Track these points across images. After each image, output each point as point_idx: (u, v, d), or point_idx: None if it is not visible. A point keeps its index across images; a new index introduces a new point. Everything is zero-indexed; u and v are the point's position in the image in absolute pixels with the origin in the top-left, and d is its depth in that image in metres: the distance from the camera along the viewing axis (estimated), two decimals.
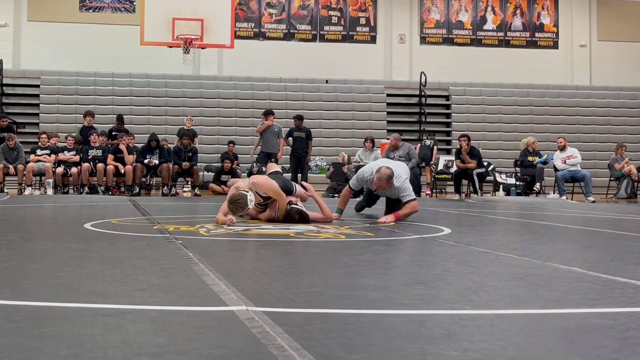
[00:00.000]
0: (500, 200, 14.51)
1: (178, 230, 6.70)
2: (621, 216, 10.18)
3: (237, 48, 19.12)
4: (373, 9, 25.43)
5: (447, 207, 12.06)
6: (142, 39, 17.41)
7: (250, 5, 24.83)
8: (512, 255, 5.06)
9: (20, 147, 16.57)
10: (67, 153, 16.72)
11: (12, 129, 17.53)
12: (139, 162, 16.47)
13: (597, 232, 7.37)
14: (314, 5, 25.10)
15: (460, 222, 9.06)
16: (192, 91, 23.15)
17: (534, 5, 26.18)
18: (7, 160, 16.20)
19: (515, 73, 25.26)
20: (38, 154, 16.44)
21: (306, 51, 24.65)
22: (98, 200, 12.40)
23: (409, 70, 25.20)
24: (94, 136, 17.00)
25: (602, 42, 26.26)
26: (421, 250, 5.53)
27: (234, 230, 6.82)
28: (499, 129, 23.81)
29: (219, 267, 4.17)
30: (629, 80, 25.82)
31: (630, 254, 5.34)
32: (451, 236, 6.50)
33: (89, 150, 16.70)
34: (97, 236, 6.14)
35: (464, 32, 25.75)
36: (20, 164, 16.05)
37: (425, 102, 24.03)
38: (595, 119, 24.64)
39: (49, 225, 7.52)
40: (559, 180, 16.87)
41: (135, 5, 23.63)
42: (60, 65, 23.08)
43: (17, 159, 16.30)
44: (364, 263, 4.59)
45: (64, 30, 23.55)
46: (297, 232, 6.70)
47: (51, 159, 16.33)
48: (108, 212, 9.47)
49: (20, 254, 4.95)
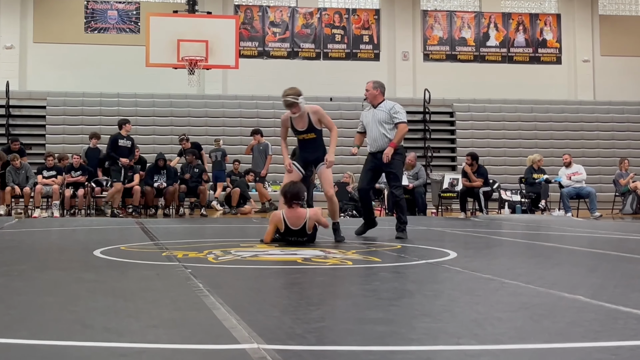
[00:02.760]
0: (505, 219, 14.57)
1: (187, 257, 6.78)
2: (626, 235, 10.23)
3: (241, 67, 19.24)
4: (376, 26, 25.60)
5: (453, 226, 12.13)
6: (148, 61, 17.60)
7: (254, 24, 25.01)
8: (517, 282, 5.13)
9: (27, 168, 16.60)
10: (75, 173, 16.75)
11: (23, 152, 17.60)
12: (148, 184, 16.48)
13: (601, 255, 7.43)
14: (317, 24, 25.28)
15: (466, 244, 9.13)
16: (197, 110, 23.30)
17: (537, 21, 26.32)
18: (15, 181, 16.26)
19: (519, 89, 25.39)
20: (45, 175, 16.49)
21: (310, 69, 24.81)
22: (105, 224, 12.49)
23: (413, 87, 25.34)
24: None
25: (605, 57, 26.39)
26: (427, 278, 5.59)
27: (242, 256, 6.90)
28: (503, 145, 23.90)
29: (229, 300, 4.24)
30: (632, 95, 25.93)
31: (634, 280, 5.41)
32: (457, 261, 6.57)
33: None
34: (108, 265, 6.23)
35: (467, 48, 25.90)
36: (27, 187, 16.12)
37: (429, 118, 24.15)
38: (600, 134, 24.72)
39: (58, 252, 7.60)
40: (564, 197, 16.94)
41: (139, 26, 23.83)
42: (65, 86, 23.27)
43: (27, 180, 16.34)
44: (370, 293, 4.66)
45: (70, 52, 23.76)
46: (304, 257, 6.77)
47: (58, 181, 16.41)
48: (116, 236, 9.56)
49: (33, 285, 5.03)
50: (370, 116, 9.52)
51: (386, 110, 9.44)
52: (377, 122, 9.40)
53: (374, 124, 9.44)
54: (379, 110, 9.48)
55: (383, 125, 9.36)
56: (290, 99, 8.69)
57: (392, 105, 9.49)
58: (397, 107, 9.50)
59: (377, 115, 9.44)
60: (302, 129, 8.84)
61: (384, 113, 9.42)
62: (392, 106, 9.48)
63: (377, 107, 9.53)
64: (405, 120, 9.49)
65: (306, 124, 8.78)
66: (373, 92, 9.55)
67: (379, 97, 9.58)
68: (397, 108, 9.47)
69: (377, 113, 9.47)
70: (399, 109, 9.47)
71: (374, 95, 9.55)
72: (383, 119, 9.38)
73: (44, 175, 16.53)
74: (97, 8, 24.26)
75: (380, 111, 9.45)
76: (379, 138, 9.38)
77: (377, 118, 9.43)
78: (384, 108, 9.47)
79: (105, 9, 24.28)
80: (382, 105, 9.51)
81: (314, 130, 8.82)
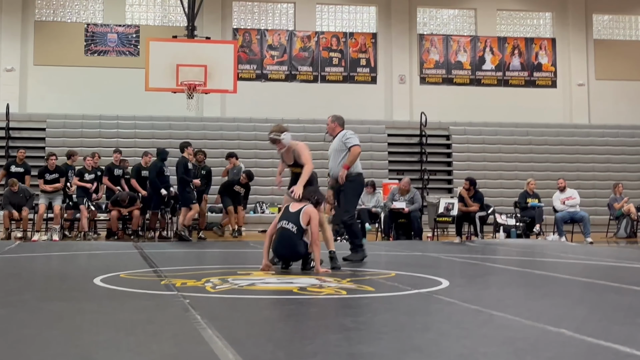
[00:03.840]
0: (500, 244, 14.75)
1: (185, 286, 6.95)
2: (617, 262, 10.41)
3: (239, 90, 19.40)
4: (373, 50, 25.86)
5: (448, 252, 12.30)
6: (147, 85, 17.78)
7: (252, 47, 25.27)
8: (504, 314, 5.30)
9: (26, 191, 16.57)
10: (88, 176, 16.46)
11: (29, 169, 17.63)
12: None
13: (590, 285, 7.61)
14: (314, 47, 25.54)
15: (459, 272, 9.31)
16: (195, 132, 23.49)
17: (532, 45, 26.61)
18: (13, 204, 16.28)
19: (515, 112, 25.65)
20: (47, 179, 16.25)
21: (308, 92, 25.05)
22: (104, 248, 12.64)
23: (410, 110, 25.57)
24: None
25: (599, 81, 26.67)
26: (418, 310, 5.76)
27: (239, 285, 7.07)
28: (499, 168, 24.10)
29: (226, 333, 4.42)
30: (627, 118, 26.19)
31: (618, 312, 5.58)
32: (449, 291, 6.74)
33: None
34: (108, 294, 6.40)
35: (463, 72, 26.16)
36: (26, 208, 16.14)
37: (426, 141, 24.37)
38: (595, 158, 24.94)
39: (60, 280, 7.77)
40: (558, 222, 17.14)
41: (139, 49, 24.07)
42: (65, 109, 23.49)
43: (26, 202, 16.34)
44: (363, 326, 4.83)
45: (70, 74, 24.00)
46: (300, 287, 6.94)
47: (60, 185, 16.32)
48: (116, 263, 9.74)
49: (36, 317, 5.20)
50: (330, 147, 10.28)
51: (339, 138, 10.08)
52: (334, 151, 10.09)
53: (332, 153, 10.15)
54: (335, 139, 10.18)
55: (338, 153, 10.01)
56: (272, 136, 9.20)
57: (344, 133, 10.09)
58: (348, 133, 10.08)
59: (334, 145, 10.15)
60: (290, 162, 9.30)
61: (338, 141, 10.07)
62: (344, 134, 10.08)
63: (334, 138, 10.21)
64: (357, 143, 10.01)
65: (292, 159, 9.24)
66: (331, 125, 10.23)
67: (337, 128, 10.20)
68: (349, 134, 10.06)
69: (334, 143, 10.19)
70: (350, 135, 10.06)
71: (333, 128, 10.22)
72: (338, 148, 10.04)
73: (47, 178, 16.27)
74: (97, 31, 24.51)
75: (336, 141, 10.14)
76: (335, 166, 10.04)
77: (333, 147, 10.13)
78: (339, 137, 10.11)
79: (105, 32, 24.54)
80: (337, 135, 10.15)
81: (300, 166, 9.17)
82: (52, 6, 24.66)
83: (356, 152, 9.92)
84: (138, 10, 25.19)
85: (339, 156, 10.01)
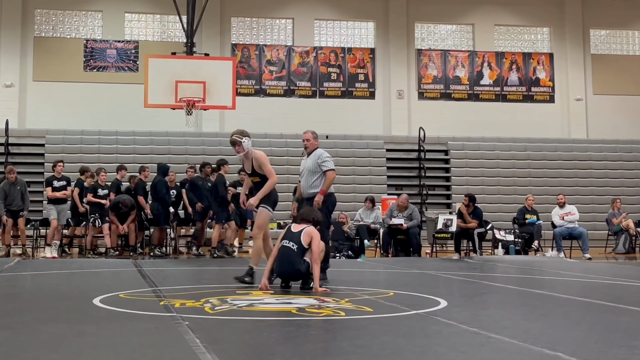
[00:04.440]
0: (499, 260, 14.76)
1: (184, 306, 6.97)
2: (615, 280, 10.44)
3: (238, 105, 19.43)
4: (371, 65, 25.96)
5: (447, 269, 12.31)
6: (146, 102, 17.82)
7: (251, 63, 25.36)
8: (502, 336, 5.33)
9: (23, 184, 16.11)
10: (101, 191, 16.31)
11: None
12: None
13: (588, 304, 7.64)
14: (313, 63, 25.64)
15: (457, 291, 9.34)
16: (194, 148, 23.54)
17: (530, 60, 26.72)
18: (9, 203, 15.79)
19: (513, 127, 25.75)
20: (55, 186, 16.03)
21: (306, 107, 25.13)
22: (103, 266, 12.65)
23: (408, 125, 25.65)
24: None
25: (597, 96, 26.78)
26: (416, 332, 5.78)
27: (238, 306, 7.10)
28: (497, 183, 24.15)
29: (224, 357, 4.45)
30: (625, 133, 26.28)
31: (614, 334, 5.60)
32: (447, 311, 6.77)
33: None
34: (108, 316, 6.42)
35: (461, 87, 26.26)
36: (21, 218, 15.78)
37: (424, 156, 24.43)
38: (593, 172, 25.01)
39: (60, 300, 7.78)
40: (557, 238, 17.17)
41: (138, 65, 24.16)
42: (64, 124, 23.56)
43: (22, 200, 15.98)
44: (361, 349, 4.86)
45: (69, 90, 24.09)
46: (298, 307, 6.96)
47: (68, 193, 16.19)
48: (115, 282, 9.75)
49: (37, 340, 5.22)
50: (304, 164, 9.99)
51: (314, 159, 9.82)
52: (308, 171, 9.84)
53: (305, 172, 9.89)
54: (310, 158, 9.89)
55: (312, 174, 9.82)
56: (234, 138, 9.03)
57: (320, 154, 9.86)
58: (324, 155, 9.87)
59: (308, 164, 9.87)
60: (249, 171, 9.15)
61: (314, 162, 9.82)
62: (320, 155, 9.85)
63: (309, 156, 9.91)
64: (333, 167, 9.84)
65: (250, 167, 9.10)
66: (313, 141, 9.91)
67: (315, 144, 9.95)
68: (325, 157, 9.85)
69: (308, 161, 9.89)
70: (326, 157, 9.85)
71: (313, 144, 9.93)
72: (312, 169, 9.82)
73: (55, 185, 16.06)
74: (97, 47, 24.60)
75: (311, 160, 9.87)
76: (307, 187, 9.84)
77: (308, 167, 9.86)
78: (314, 157, 9.84)
79: (104, 48, 24.63)
80: (313, 154, 9.89)
81: (258, 175, 9.05)
82: (52, 22, 24.76)
83: (332, 178, 9.76)
84: (137, 26, 25.30)
85: (313, 177, 9.81)
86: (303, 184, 9.91)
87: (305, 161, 9.93)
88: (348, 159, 23.88)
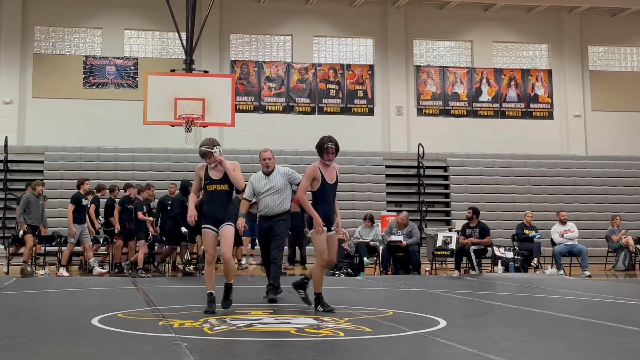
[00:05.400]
0: (498, 278, 14.72)
1: (183, 327, 6.96)
2: (615, 299, 10.42)
3: (237, 121, 19.46)
4: (370, 81, 25.99)
5: (446, 287, 12.28)
6: (145, 119, 17.82)
7: (250, 79, 25.40)
8: (501, 358, 5.32)
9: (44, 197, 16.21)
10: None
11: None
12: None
13: (588, 324, 7.61)
14: (312, 79, 25.67)
15: (457, 310, 9.32)
16: (193, 165, 23.38)
17: (528, 77, 26.76)
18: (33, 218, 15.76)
19: (512, 144, 25.76)
20: (84, 203, 15.84)
21: (305, 124, 25.11)
22: (102, 284, 12.62)
23: (407, 141, 25.64)
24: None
25: (596, 112, 26.80)
26: (415, 353, 5.77)
27: (237, 326, 7.08)
28: (497, 200, 24.12)
29: None
30: (624, 149, 26.29)
31: (614, 355, 5.59)
32: (446, 332, 6.75)
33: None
34: (106, 337, 6.40)
35: (460, 103, 26.28)
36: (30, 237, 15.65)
37: (423, 173, 24.42)
38: (592, 189, 25.00)
39: (58, 321, 7.76)
40: (557, 255, 17.14)
41: (137, 81, 24.18)
42: (64, 141, 23.54)
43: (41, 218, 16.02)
44: None
45: (68, 106, 24.08)
46: (297, 328, 6.95)
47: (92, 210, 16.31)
48: (114, 301, 9.73)
49: None
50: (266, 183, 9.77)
51: (283, 175, 9.80)
52: (278, 189, 9.75)
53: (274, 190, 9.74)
54: (274, 176, 9.80)
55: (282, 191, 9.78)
56: (204, 149, 8.66)
57: (286, 170, 9.91)
58: (289, 170, 9.94)
59: (278, 181, 9.77)
60: (217, 177, 8.63)
61: (283, 179, 9.78)
62: (287, 171, 9.89)
63: (271, 174, 9.82)
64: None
65: (222, 173, 8.61)
66: (273, 160, 9.93)
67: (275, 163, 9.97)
68: (291, 171, 9.93)
69: (277, 179, 9.78)
70: (292, 171, 9.94)
71: (274, 163, 9.94)
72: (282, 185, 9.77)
73: (83, 203, 15.84)
74: (96, 64, 24.63)
75: (278, 177, 9.79)
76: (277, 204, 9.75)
77: (277, 184, 9.76)
78: (280, 174, 9.80)
79: (103, 65, 24.65)
80: (276, 171, 9.84)
81: (228, 183, 8.60)
82: (51, 39, 24.80)
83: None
84: (137, 42, 25.33)
85: (283, 194, 9.77)
86: (270, 202, 9.72)
87: (269, 180, 9.79)
88: (347, 176, 23.84)
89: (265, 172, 9.87)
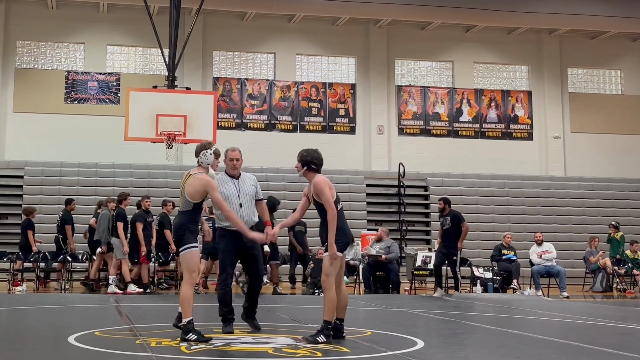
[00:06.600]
0: (477, 299, 14.78)
1: (160, 346, 6.93)
2: (592, 320, 10.48)
3: (219, 138, 19.33)
4: (352, 100, 26.10)
5: (425, 308, 12.31)
6: (127, 135, 17.80)
7: (232, 96, 25.43)
8: None
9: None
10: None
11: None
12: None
13: (564, 346, 7.66)
14: (294, 97, 25.74)
15: (435, 331, 9.35)
16: (175, 181, 23.44)
17: (508, 98, 26.96)
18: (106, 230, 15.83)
19: (492, 164, 25.91)
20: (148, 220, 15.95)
21: (287, 141, 25.14)
22: (79, 301, 12.56)
23: (388, 160, 25.74)
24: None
25: (575, 134, 27.03)
26: None
27: (214, 345, 7.07)
28: (476, 220, 24.18)
29: None
30: (602, 171, 26.51)
31: None
32: (423, 352, 6.77)
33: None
34: (82, 356, 6.38)
35: (440, 123, 26.42)
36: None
37: (404, 192, 24.50)
38: (571, 210, 25.18)
39: (34, 339, 7.71)
40: (535, 275, 17.25)
41: (119, 97, 24.15)
42: (44, 156, 23.45)
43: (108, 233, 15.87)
44: None
45: (49, 121, 23.99)
46: (275, 347, 6.95)
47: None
48: (91, 319, 9.68)
49: None
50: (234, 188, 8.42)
51: (251, 182, 8.54)
52: (249, 195, 8.48)
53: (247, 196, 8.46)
54: (243, 181, 8.50)
55: (252, 198, 8.52)
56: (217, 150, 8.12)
57: (253, 177, 8.65)
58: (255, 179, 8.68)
59: (248, 187, 8.51)
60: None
61: (252, 185, 8.53)
62: (254, 178, 8.66)
63: (239, 178, 8.50)
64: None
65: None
66: (241, 161, 8.55)
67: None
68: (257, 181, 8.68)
69: (246, 184, 8.51)
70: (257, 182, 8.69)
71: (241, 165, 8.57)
72: (252, 192, 8.52)
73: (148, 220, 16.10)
74: (78, 79, 24.58)
75: (248, 183, 8.53)
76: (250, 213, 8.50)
77: (248, 190, 8.50)
78: (249, 180, 8.54)
79: (85, 80, 24.61)
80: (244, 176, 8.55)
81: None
82: (33, 54, 24.74)
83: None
84: (119, 58, 25.32)
85: (252, 202, 8.48)
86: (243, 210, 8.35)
87: (238, 184, 8.43)
88: None
89: (231, 174, 8.47)
